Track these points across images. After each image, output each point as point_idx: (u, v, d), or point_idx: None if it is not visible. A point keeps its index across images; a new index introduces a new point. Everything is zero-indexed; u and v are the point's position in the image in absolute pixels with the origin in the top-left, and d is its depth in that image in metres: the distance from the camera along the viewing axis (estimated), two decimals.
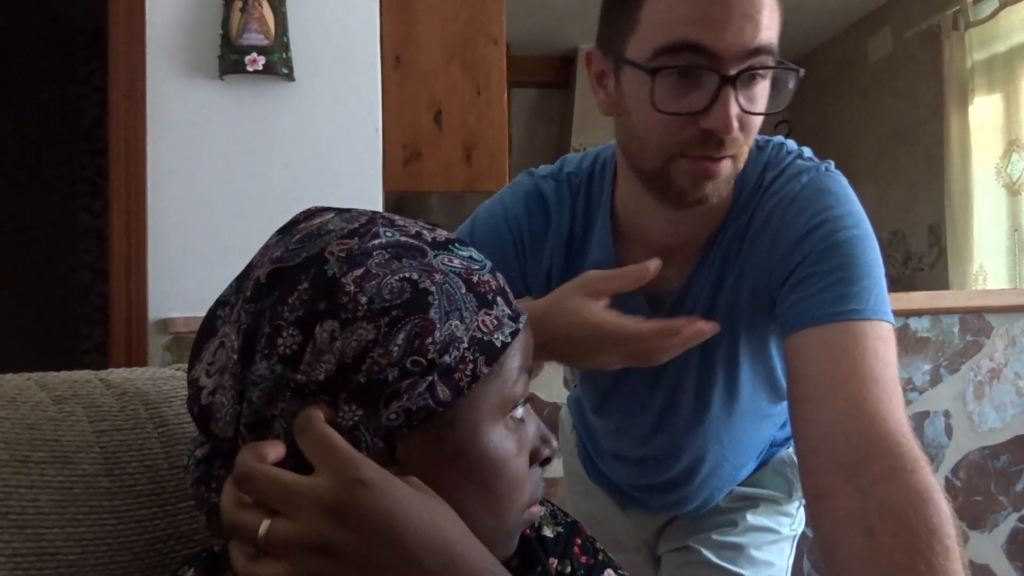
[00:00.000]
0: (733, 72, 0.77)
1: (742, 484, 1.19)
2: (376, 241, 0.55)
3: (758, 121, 0.83)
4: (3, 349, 3.40)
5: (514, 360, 0.56)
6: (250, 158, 2.05)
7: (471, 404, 0.54)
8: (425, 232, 0.58)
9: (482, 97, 2.60)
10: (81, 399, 0.67)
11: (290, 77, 2.05)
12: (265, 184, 2.06)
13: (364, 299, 0.52)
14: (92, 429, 0.65)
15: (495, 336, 0.55)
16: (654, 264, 0.81)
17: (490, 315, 0.55)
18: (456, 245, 0.58)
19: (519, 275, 1.04)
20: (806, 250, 0.84)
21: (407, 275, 0.53)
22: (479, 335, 0.54)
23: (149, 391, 0.72)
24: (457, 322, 0.53)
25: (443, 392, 0.52)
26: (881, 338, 0.79)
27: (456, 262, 0.56)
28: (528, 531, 0.69)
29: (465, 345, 0.53)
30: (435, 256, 0.55)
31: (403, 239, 0.56)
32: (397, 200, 3.33)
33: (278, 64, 2.01)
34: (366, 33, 2.14)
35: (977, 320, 2.22)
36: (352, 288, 0.52)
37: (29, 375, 0.68)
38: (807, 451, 0.77)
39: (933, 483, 0.69)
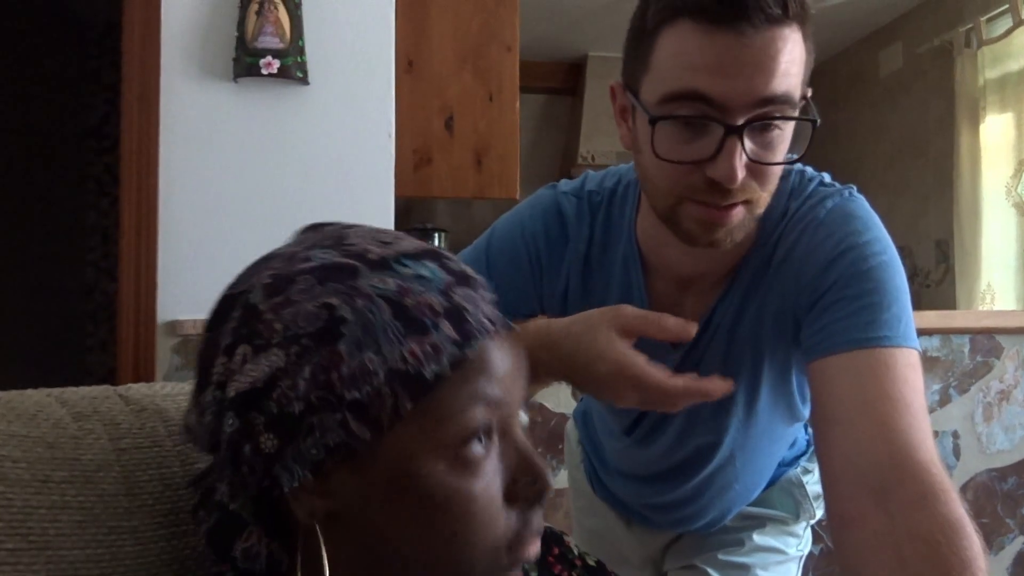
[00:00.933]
0: (739, 122, 0.75)
1: (749, 504, 1.18)
2: (304, 265, 0.52)
3: (776, 168, 0.81)
4: (7, 346, 3.39)
5: (458, 391, 0.51)
6: (263, 161, 2.05)
7: (398, 442, 0.50)
8: (376, 249, 0.54)
9: (494, 103, 2.60)
10: (101, 416, 0.66)
11: (304, 81, 2.04)
12: (277, 187, 2.05)
13: (279, 326, 0.50)
14: (112, 447, 0.64)
15: (426, 367, 0.50)
16: (693, 329, 0.79)
17: (422, 343, 0.50)
18: (406, 262, 0.53)
19: (535, 293, 1.02)
20: (835, 275, 0.83)
21: (326, 300, 0.50)
22: (401, 367, 0.49)
23: (167, 407, 0.71)
24: (372, 355, 0.49)
25: (359, 429, 0.49)
26: (910, 365, 0.78)
27: (392, 282, 0.51)
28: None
29: (381, 379, 0.49)
30: (368, 277, 0.51)
31: (337, 260, 0.52)
32: (404, 205, 3.32)
33: (292, 68, 2.00)
34: (381, 38, 2.13)
35: (988, 341, 2.21)
36: (270, 316, 0.51)
37: (48, 391, 0.67)
38: (834, 475, 0.76)
39: (965, 515, 0.68)
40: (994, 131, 3.36)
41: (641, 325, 0.79)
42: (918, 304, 3.76)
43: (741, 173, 0.76)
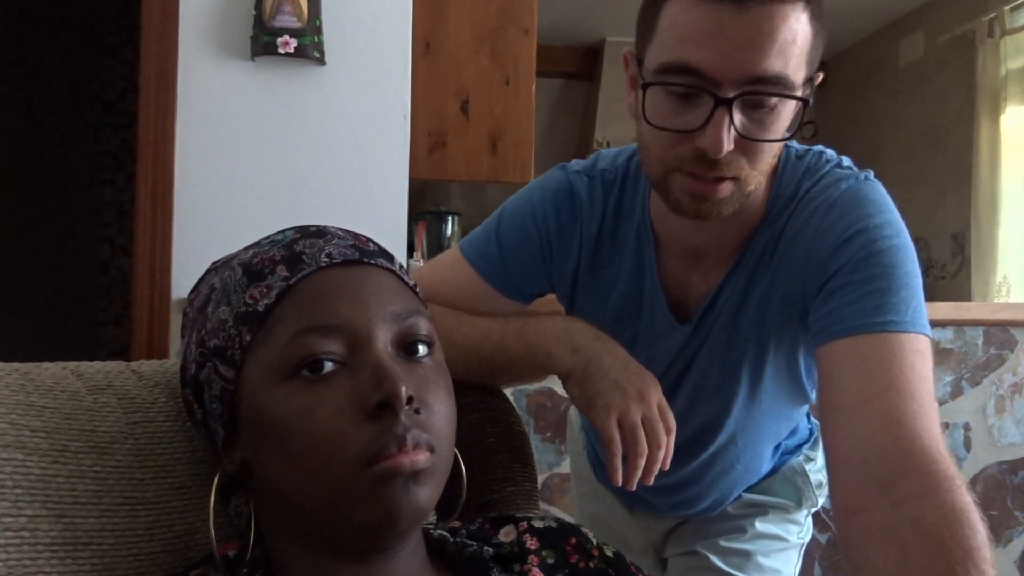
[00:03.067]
0: (730, 95, 0.75)
1: (752, 491, 1.18)
2: (224, 259, 0.63)
3: (767, 147, 0.80)
4: (23, 320, 3.42)
5: (289, 318, 0.56)
6: (278, 140, 2.05)
7: (251, 374, 0.57)
8: (274, 238, 0.63)
9: (510, 87, 2.59)
10: (116, 390, 0.67)
11: (321, 61, 2.04)
12: (292, 167, 2.05)
13: (190, 311, 0.62)
14: (126, 420, 0.66)
15: (259, 304, 0.57)
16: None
17: (260, 286, 0.58)
18: (272, 236, 0.63)
19: (544, 273, 1.02)
20: (844, 258, 0.82)
21: (213, 282, 0.61)
22: (243, 309, 0.57)
23: (178, 385, 0.72)
24: (224, 307, 0.58)
25: (225, 370, 0.58)
26: (918, 351, 0.77)
27: (250, 252, 0.61)
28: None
29: (231, 323, 0.58)
30: (238, 256, 0.61)
31: (241, 252, 0.62)
32: (418, 187, 3.32)
33: (309, 47, 2.00)
34: (398, 19, 2.13)
35: (1002, 333, 2.20)
36: (186, 308, 0.64)
37: (64, 364, 0.68)
38: (838, 464, 0.76)
39: (970, 503, 0.68)
40: (1014, 122, 3.32)
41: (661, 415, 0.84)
42: (933, 296, 3.73)
43: (728, 145, 0.76)
